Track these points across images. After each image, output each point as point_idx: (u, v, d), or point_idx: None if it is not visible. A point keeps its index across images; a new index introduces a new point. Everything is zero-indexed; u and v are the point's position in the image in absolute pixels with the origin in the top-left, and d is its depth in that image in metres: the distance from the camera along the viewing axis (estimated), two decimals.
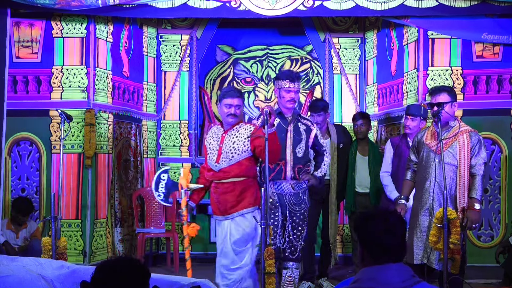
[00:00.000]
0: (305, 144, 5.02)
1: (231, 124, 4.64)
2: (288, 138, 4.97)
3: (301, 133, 5.02)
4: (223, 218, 4.64)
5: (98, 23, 6.39)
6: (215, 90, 7.84)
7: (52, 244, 4.80)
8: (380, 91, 7.14)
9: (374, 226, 2.34)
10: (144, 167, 7.32)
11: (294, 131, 5.01)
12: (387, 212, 2.41)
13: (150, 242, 7.18)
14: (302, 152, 4.99)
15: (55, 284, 3.64)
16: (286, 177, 4.92)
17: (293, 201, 4.95)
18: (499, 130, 6.15)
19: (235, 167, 4.55)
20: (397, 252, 2.32)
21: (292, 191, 4.94)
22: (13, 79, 6.30)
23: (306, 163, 5.03)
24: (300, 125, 5.05)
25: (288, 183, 4.94)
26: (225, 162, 4.58)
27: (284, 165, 4.90)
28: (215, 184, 4.68)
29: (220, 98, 4.72)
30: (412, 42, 6.39)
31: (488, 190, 6.14)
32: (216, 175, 4.65)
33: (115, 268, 2.25)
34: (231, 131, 4.64)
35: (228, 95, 4.62)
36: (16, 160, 6.35)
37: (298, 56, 7.81)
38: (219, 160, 4.60)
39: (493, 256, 5.54)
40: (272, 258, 4.74)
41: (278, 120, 4.91)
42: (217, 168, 4.63)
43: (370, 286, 2.29)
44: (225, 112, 4.62)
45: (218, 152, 4.63)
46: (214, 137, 4.74)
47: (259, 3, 6.09)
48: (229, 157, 4.56)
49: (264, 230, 4.16)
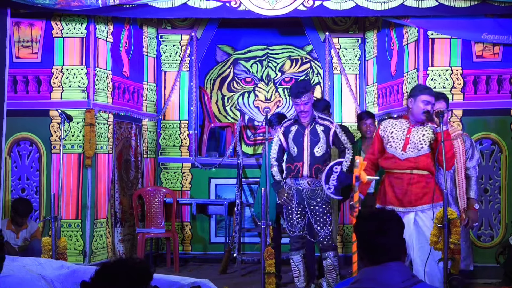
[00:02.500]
0: (326, 143, 5.27)
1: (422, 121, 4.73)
2: (305, 141, 5.26)
3: (318, 134, 5.26)
4: (407, 210, 4.65)
5: (98, 23, 6.39)
6: (215, 90, 7.85)
7: (52, 244, 4.81)
8: (380, 91, 7.15)
9: (367, 226, 2.38)
10: (144, 167, 7.32)
11: (311, 133, 5.27)
12: (381, 213, 2.43)
13: (150, 242, 7.18)
14: (321, 152, 5.25)
15: (55, 284, 3.64)
16: (303, 176, 5.23)
17: (310, 195, 5.24)
18: (499, 130, 6.15)
19: (423, 158, 4.65)
20: (391, 252, 2.33)
21: (309, 187, 5.24)
22: (13, 79, 6.30)
23: (325, 162, 5.25)
24: (318, 127, 5.29)
25: (305, 180, 5.24)
26: (413, 152, 4.68)
27: (302, 166, 5.24)
28: (398, 174, 4.73)
29: (415, 94, 4.74)
30: (412, 42, 6.39)
31: (488, 190, 6.14)
32: (400, 164, 4.71)
33: (114, 271, 2.25)
34: (417, 126, 4.73)
35: (426, 92, 4.72)
36: (16, 160, 6.35)
37: (298, 56, 7.81)
38: (406, 149, 4.70)
39: (493, 256, 5.54)
40: (272, 258, 4.75)
41: (297, 126, 5.29)
42: (403, 157, 4.71)
43: (370, 287, 2.30)
44: (421, 108, 4.68)
45: (404, 142, 4.72)
46: (396, 128, 4.82)
47: (259, 3, 6.09)
48: (418, 147, 4.67)
49: (264, 230, 4.18)
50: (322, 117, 5.36)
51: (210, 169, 7.46)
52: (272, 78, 7.83)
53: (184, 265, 7.11)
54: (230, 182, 7.39)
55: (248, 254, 7.17)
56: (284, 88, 7.80)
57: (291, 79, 7.81)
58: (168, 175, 7.56)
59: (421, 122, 4.71)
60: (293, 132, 5.28)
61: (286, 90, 7.77)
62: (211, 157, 7.53)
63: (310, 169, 5.22)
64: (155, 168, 7.54)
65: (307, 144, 5.25)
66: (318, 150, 5.23)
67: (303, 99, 5.18)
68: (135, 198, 6.90)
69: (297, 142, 5.26)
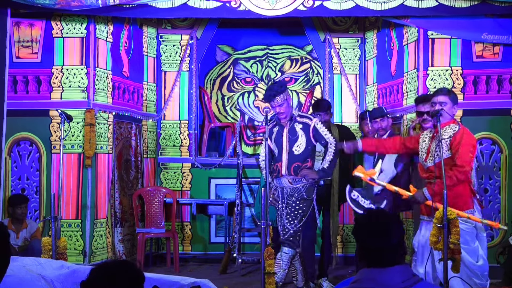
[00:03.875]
0: (306, 140, 5.30)
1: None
2: (284, 141, 5.35)
3: (297, 133, 5.33)
4: (430, 219, 4.61)
5: (98, 23, 6.39)
6: (215, 90, 7.84)
7: (52, 244, 4.80)
8: (380, 91, 7.14)
9: (359, 229, 2.39)
10: (144, 167, 7.32)
11: (289, 132, 5.35)
12: (379, 215, 2.41)
13: (150, 242, 7.18)
14: (301, 149, 5.30)
15: (55, 284, 3.64)
16: (283, 175, 5.33)
17: (290, 193, 5.32)
18: (499, 130, 6.15)
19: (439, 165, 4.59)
20: (391, 256, 2.32)
21: (290, 185, 5.32)
22: (13, 79, 6.30)
23: (305, 160, 5.29)
24: (297, 125, 5.35)
25: (285, 179, 5.33)
26: (431, 160, 4.72)
27: (281, 165, 5.34)
28: (426, 183, 4.79)
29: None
30: (412, 42, 6.38)
31: (488, 190, 6.15)
32: (425, 173, 4.81)
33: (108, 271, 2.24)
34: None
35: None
36: (16, 160, 6.35)
37: (298, 56, 7.81)
38: (427, 159, 4.76)
39: (493, 256, 5.54)
40: (272, 258, 4.75)
41: (278, 127, 5.40)
42: (425, 167, 4.78)
43: (370, 287, 2.30)
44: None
45: (427, 151, 4.78)
46: (424, 137, 4.89)
47: (259, 3, 6.09)
48: (434, 155, 4.69)
49: (264, 230, 4.18)
50: (302, 115, 5.44)
51: (210, 169, 7.46)
52: (272, 78, 7.82)
53: (184, 265, 7.11)
54: (230, 182, 7.38)
55: (248, 254, 7.17)
56: None
57: (291, 79, 7.81)
58: (168, 175, 7.56)
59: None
60: (275, 133, 5.41)
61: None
62: (211, 157, 7.53)
63: (288, 167, 5.29)
64: (155, 168, 7.54)
65: (286, 144, 5.33)
66: (297, 148, 5.30)
67: (276, 102, 5.26)
68: (135, 198, 6.90)
69: (277, 143, 5.37)
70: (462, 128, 4.68)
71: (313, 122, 5.33)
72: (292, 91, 7.70)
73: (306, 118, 5.39)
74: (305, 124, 5.33)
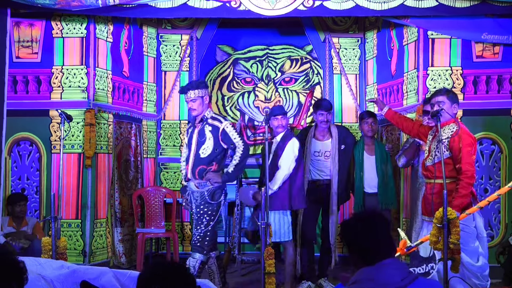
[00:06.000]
0: (214, 143, 5.27)
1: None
2: (193, 143, 5.34)
3: (205, 135, 5.30)
4: (430, 219, 4.60)
5: (98, 23, 6.39)
6: (215, 90, 7.84)
7: (52, 244, 4.80)
8: (380, 91, 7.15)
9: (354, 230, 2.42)
10: (144, 167, 7.32)
11: (199, 134, 5.34)
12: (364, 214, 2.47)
13: (150, 242, 7.18)
14: (207, 153, 5.27)
15: (55, 284, 3.63)
16: (190, 179, 5.32)
17: (196, 197, 5.30)
18: (499, 130, 6.15)
19: (439, 165, 4.53)
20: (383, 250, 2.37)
21: (197, 189, 5.29)
22: (13, 79, 6.30)
23: (210, 163, 5.26)
24: (206, 127, 5.31)
25: (192, 183, 5.34)
26: (430, 160, 4.70)
27: (187, 168, 5.35)
28: (426, 183, 4.83)
29: None
30: (412, 42, 6.39)
31: (488, 190, 6.14)
32: (425, 173, 4.82)
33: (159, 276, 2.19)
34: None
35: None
36: (16, 160, 6.35)
37: (298, 56, 7.81)
38: (427, 158, 4.76)
39: (493, 256, 5.54)
40: (272, 258, 4.75)
41: (192, 128, 5.42)
42: (426, 166, 4.78)
43: (370, 287, 2.30)
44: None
45: (428, 151, 4.78)
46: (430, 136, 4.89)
47: (259, 3, 6.09)
48: (432, 155, 4.69)
49: (264, 230, 4.17)
50: (214, 117, 5.37)
51: None
52: (272, 78, 7.82)
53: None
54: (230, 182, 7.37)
55: (248, 254, 7.17)
56: (284, 88, 7.80)
57: (291, 79, 7.81)
58: (168, 175, 7.56)
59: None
60: (189, 134, 5.43)
61: (286, 90, 7.77)
62: None
63: (193, 170, 5.27)
64: (155, 168, 7.54)
65: (194, 146, 5.31)
66: (204, 151, 5.26)
67: (189, 96, 5.26)
68: (135, 198, 6.90)
69: (188, 144, 5.38)
70: (460, 129, 4.65)
71: (223, 125, 5.27)
72: (292, 91, 7.71)
73: (216, 121, 5.33)
74: (215, 127, 5.29)
